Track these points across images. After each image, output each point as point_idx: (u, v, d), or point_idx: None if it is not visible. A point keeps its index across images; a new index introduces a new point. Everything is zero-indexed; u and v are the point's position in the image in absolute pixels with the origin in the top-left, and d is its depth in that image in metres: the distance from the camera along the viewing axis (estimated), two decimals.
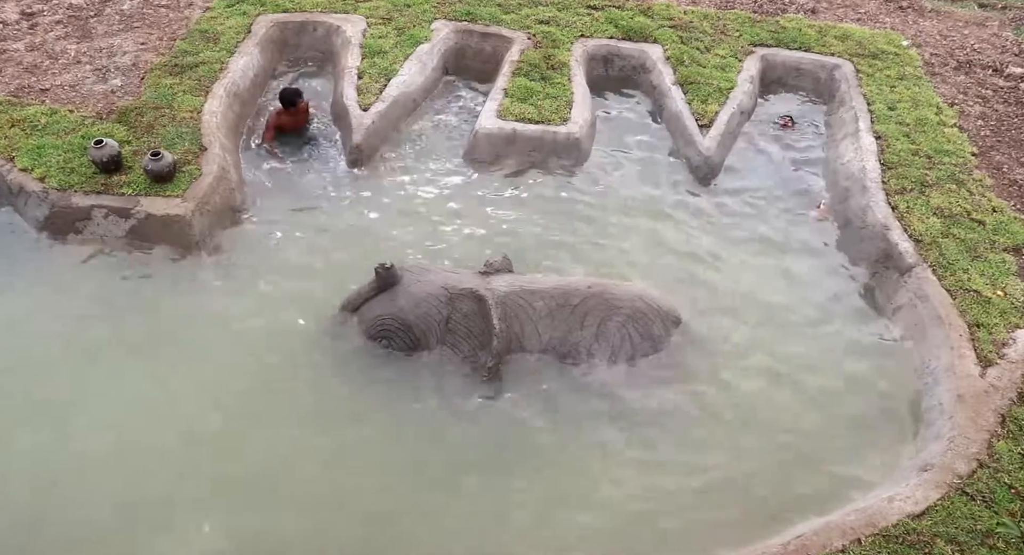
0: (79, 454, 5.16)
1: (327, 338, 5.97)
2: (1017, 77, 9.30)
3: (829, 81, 9.03)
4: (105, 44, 8.41)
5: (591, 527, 5.02)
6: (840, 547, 4.58)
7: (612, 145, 8.17)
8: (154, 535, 4.79)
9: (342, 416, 5.54)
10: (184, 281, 6.35)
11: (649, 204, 7.50)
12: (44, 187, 6.52)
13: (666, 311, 6.05)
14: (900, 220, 6.93)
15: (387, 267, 5.81)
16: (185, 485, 5.06)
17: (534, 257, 6.80)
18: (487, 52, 9.04)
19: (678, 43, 9.09)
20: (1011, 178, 7.66)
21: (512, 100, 8.01)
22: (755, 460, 5.45)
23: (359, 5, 9.23)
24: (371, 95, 7.93)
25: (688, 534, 4.98)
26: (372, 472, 5.25)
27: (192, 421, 5.41)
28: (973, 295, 6.24)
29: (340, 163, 7.63)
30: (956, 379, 5.64)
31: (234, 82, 7.92)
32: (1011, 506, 4.83)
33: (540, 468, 5.33)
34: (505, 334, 5.73)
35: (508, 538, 4.94)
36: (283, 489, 5.08)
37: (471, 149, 7.82)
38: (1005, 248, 6.73)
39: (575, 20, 9.34)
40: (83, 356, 5.76)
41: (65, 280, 6.28)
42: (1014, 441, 5.22)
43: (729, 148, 8.14)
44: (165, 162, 6.54)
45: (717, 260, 6.95)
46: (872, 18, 10.34)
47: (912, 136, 7.95)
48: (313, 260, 6.64)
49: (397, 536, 4.90)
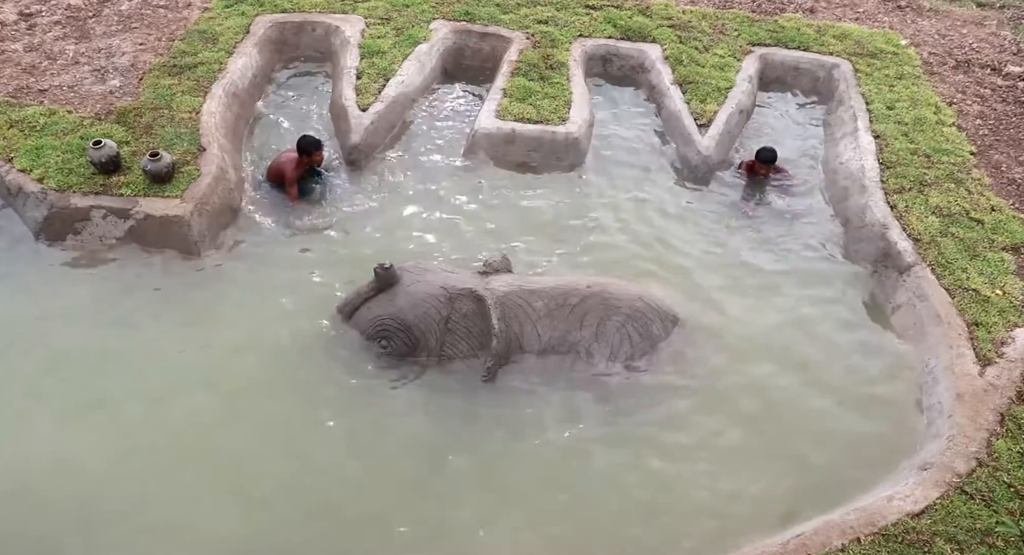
0: (70, 458, 5.14)
1: (326, 338, 5.97)
2: (1015, 76, 9.30)
3: (828, 80, 9.03)
4: (103, 45, 8.40)
5: (591, 527, 5.02)
6: (839, 546, 4.58)
7: (611, 145, 8.16)
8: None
9: (342, 417, 5.54)
10: (183, 281, 6.34)
11: (648, 204, 7.50)
12: (43, 188, 6.51)
13: (665, 311, 6.05)
14: (899, 219, 6.93)
15: (386, 267, 5.80)
16: (184, 486, 5.05)
17: (533, 257, 6.80)
18: (486, 52, 9.04)
19: (677, 43, 9.09)
20: (1010, 177, 7.66)
21: (511, 100, 8.01)
22: (756, 458, 5.45)
23: (358, 5, 9.23)
24: (370, 95, 7.93)
25: (689, 534, 4.99)
26: (372, 473, 5.24)
27: (188, 420, 5.40)
28: (972, 294, 6.24)
29: (339, 161, 7.63)
30: (955, 378, 5.64)
31: (233, 82, 7.92)
32: (1010, 505, 4.83)
33: (540, 468, 5.32)
34: (504, 334, 5.73)
35: (506, 538, 4.93)
36: (276, 494, 5.07)
37: (470, 149, 7.82)
38: (1004, 247, 6.73)
39: (574, 20, 9.34)
40: (83, 356, 5.75)
41: (64, 281, 6.27)
42: (1013, 440, 5.22)
43: (728, 148, 8.15)
44: (164, 163, 6.53)
45: (717, 260, 6.95)
46: (870, 17, 10.35)
47: (911, 135, 7.96)
48: (312, 260, 6.64)
49: (397, 537, 4.90)
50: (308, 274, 6.51)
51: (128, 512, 4.88)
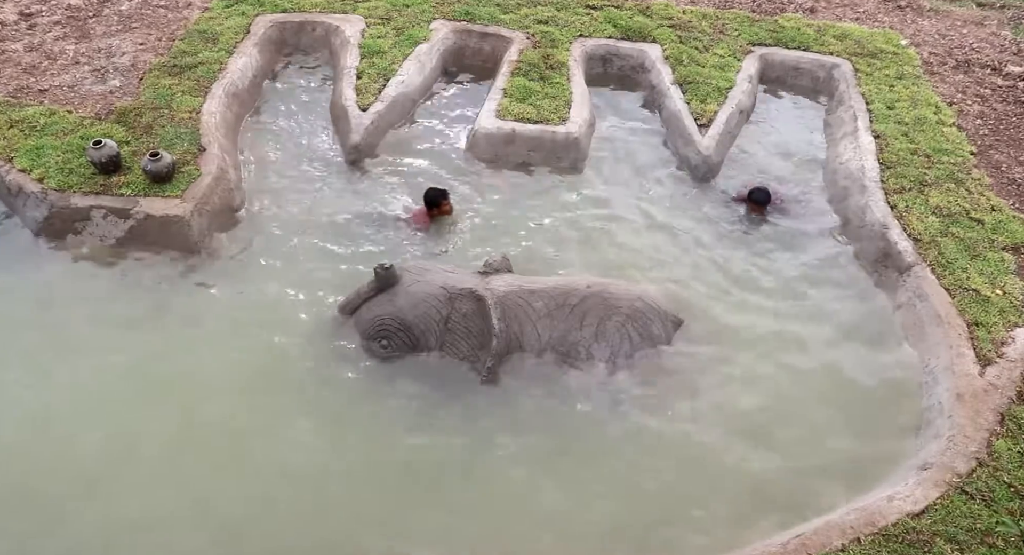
0: (68, 457, 5.15)
1: (326, 339, 5.97)
2: (1015, 76, 9.30)
3: (828, 80, 9.03)
4: (104, 45, 8.41)
5: (591, 527, 5.02)
6: (840, 546, 4.57)
7: (611, 145, 8.16)
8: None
9: (341, 417, 5.53)
10: (183, 281, 6.35)
11: (648, 204, 7.50)
12: (43, 188, 6.52)
13: (665, 311, 6.05)
14: (899, 219, 6.93)
15: (386, 267, 5.80)
16: (182, 488, 5.06)
17: (533, 257, 6.79)
18: (486, 52, 9.05)
19: (677, 43, 9.09)
20: (1010, 177, 7.66)
21: (511, 100, 8.01)
22: (757, 457, 5.45)
23: (358, 5, 9.24)
24: (370, 95, 7.93)
25: (691, 534, 4.98)
26: (371, 473, 5.24)
27: (189, 419, 5.40)
28: (972, 294, 6.24)
29: (339, 162, 7.63)
30: (955, 378, 5.64)
31: (233, 82, 7.92)
32: (1010, 505, 4.83)
33: (539, 468, 5.32)
34: (504, 334, 5.73)
35: (505, 539, 4.93)
36: (276, 492, 5.07)
37: (470, 149, 7.82)
38: (1004, 247, 6.73)
39: (574, 20, 9.34)
40: (81, 358, 5.75)
41: (64, 281, 6.27)
42: (1013, 440, 5.22)
43: (728, 147, 8.15)
44: (164, 163, 6.53)
45: (717, 259, 6.94)
46: (871, 17, 10.35)
47: (911, 135, 7.96)
48: (312, 260, 6.63)
49: (395, 539, 4.90)
50: (308, 274, 6.51)
51: (128, 513, 4.89)
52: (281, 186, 7.34)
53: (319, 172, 7.53)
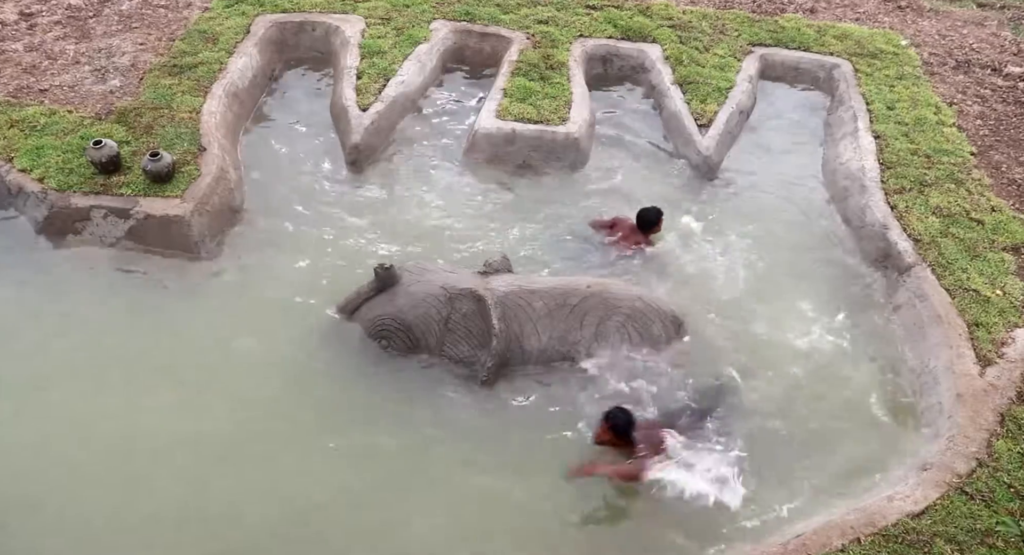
0: (68, 457, 5.15)
1: (326, 337, 5.97)
2: (1016, 76, 9.30)
3: (828, 80, 9.03)
4: (104, 44, 8.40)
5: (590, 527, 5.02)
6: (839, 546, 4.57)
7: (611, 145, 8.16)
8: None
9: (340, 417, 5.53)
10: (183, 281, 6.35)
11: (647, 203, 7.49)
12: (43, 188, 6.52)
13: (665, 311, 6.05)
14: (899, 219, 6.93)
15: (386, 267, 5.80)
16: (178, 486, 5.06)
17: (533, 257, 6.79)
18: (486, 52, 9.05)
19: (677, 43, 9.09)
20: (1010, 177, 7.66)
21: (511, 100, 8.01)
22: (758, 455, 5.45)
23: (358, 5, 9.23)
24: (370, 95, 7.93)
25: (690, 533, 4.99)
26: (370, 474, 5.24)
27: (191, 423, 5.40)
28: (972, 294, 6.24)
29: (339, 162, 7.63)
30: (955, 378, 5.64)
31: (233, 82, 7.92)
32: (1010, 505, 4.83)
33: (539, 468, 5.32)
34: (504, 334, 5.73)
35: (506, 539, 4.93)
36: (276, 495, 5.07)
37: (470, 149, 7.81)
38: (1004, 247, 6.73)
39: (574, 20, 9.34)
40: (80, 358, 5.75)
41: (63, 281, 6.27)
42: (1013, 440, 5.22)
43: (728, 147, 8.15)
44: (164, 162, 6.53)
45: (716, 259, 6.94)
46: (871, 18, 10.35)
47: (911, 135, 7.96)
48: (312, 260, 6.63)
49: (395, 540, 4.90)
50: (308, 273, 6.50)
51: (128, 512, 4.89)
52: (281, 186, 7.33)
53: (319, 172, 7.52)
